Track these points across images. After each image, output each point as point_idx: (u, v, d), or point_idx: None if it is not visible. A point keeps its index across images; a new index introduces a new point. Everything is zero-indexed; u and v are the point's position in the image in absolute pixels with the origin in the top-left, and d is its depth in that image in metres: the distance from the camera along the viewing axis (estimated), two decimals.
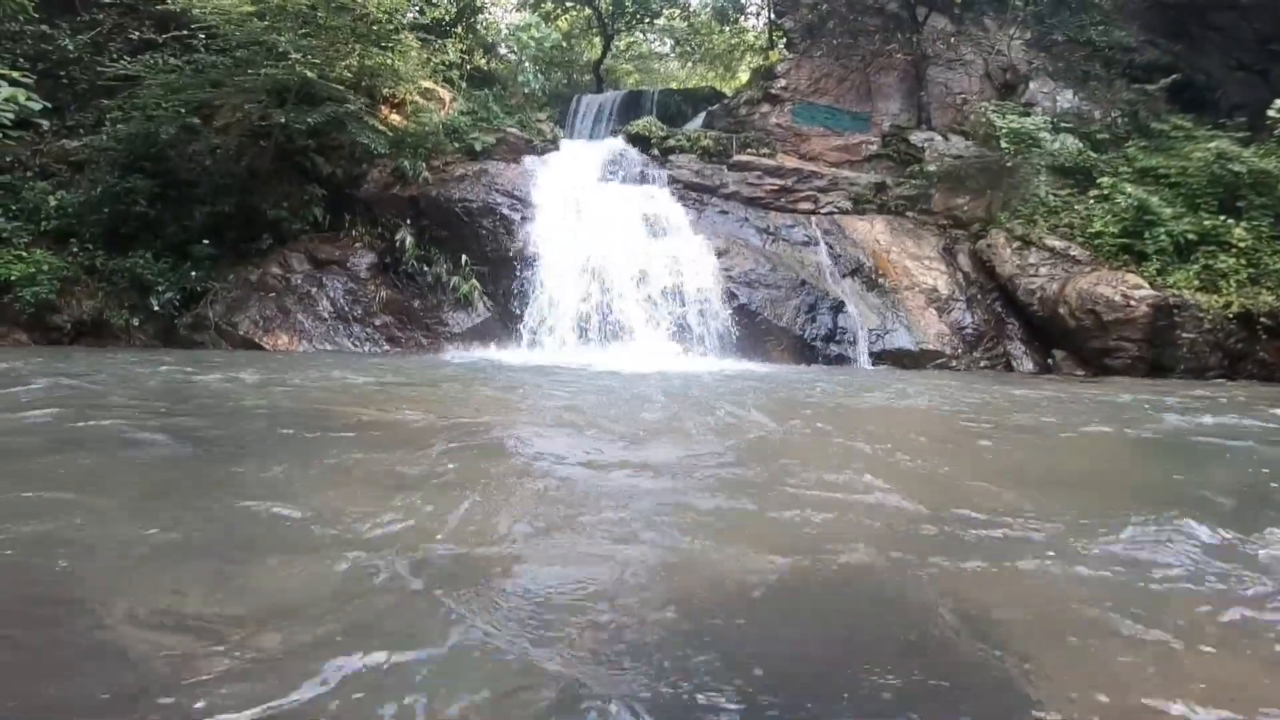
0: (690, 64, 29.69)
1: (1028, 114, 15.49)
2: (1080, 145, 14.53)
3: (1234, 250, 11.70)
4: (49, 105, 10.04)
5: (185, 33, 13.13)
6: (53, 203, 12.72)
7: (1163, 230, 12.00)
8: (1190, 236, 11.95)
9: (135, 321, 12.37)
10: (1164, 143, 13.91)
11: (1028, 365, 12.92)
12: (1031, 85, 17.12)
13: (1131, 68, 16.79)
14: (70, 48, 14.31)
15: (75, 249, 12.54)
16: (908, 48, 17.97)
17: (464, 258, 13.15)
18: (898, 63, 18.17)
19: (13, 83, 8.92)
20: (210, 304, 12.45)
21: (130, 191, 12.76)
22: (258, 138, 13.49)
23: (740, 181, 15.43)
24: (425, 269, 13.10)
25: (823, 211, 15.27)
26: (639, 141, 16.56)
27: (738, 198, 15.21)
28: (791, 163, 16.18)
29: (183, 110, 12.82)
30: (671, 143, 16.39)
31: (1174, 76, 15.29)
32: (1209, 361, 11.50)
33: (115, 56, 13.89)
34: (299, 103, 13.12)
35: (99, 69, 13.74)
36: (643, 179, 15.42)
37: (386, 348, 12.38)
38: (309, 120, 12.70)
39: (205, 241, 12.91)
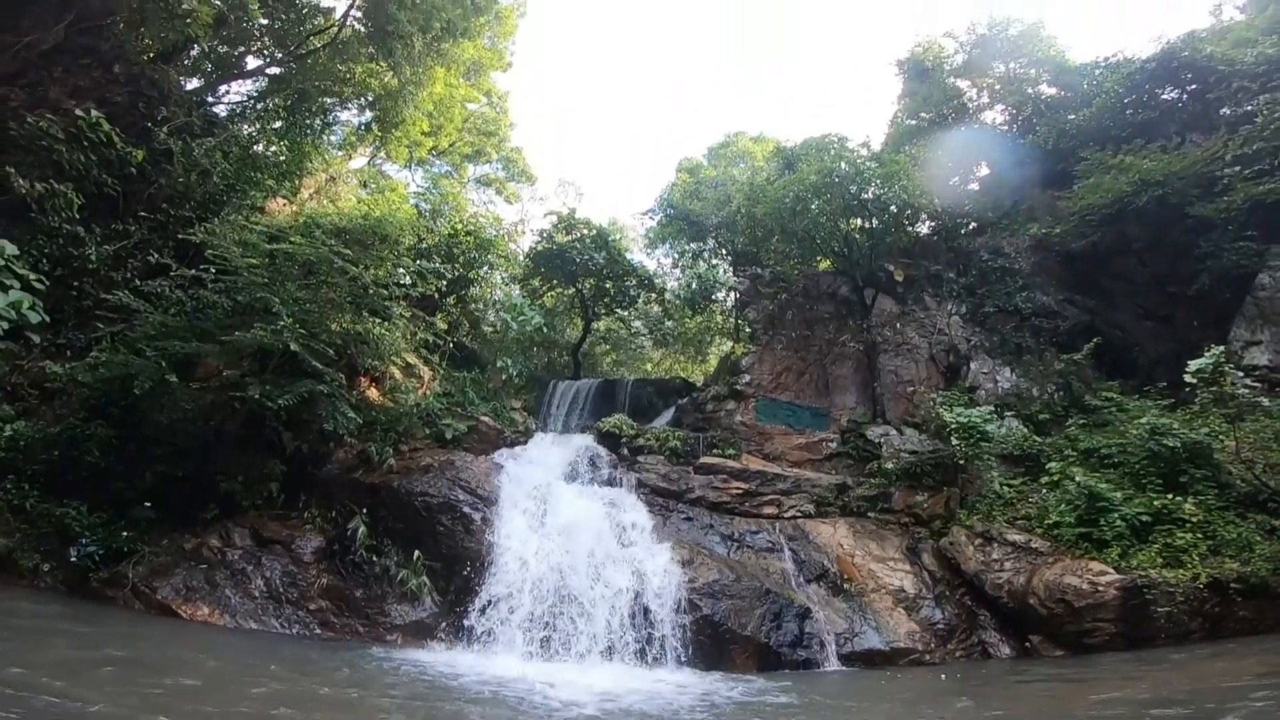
0: (664, 348, 31.61)
1: (973, 404, 16.34)
2: (1025, 430, 15.18)
3: (1188, 526, 11.75)
4: (47, 319, 10.25)
5: (194, 272, 13.86)
6: (7, 432, 12.50)
7: (1116, 515, 12.14)
8: (1144, 518, 12.07)
9: (46, 567, 11.64)
10: (1100, 417, 14.49)
11: (1004, 651, 12.47)
12: (973, 366, 18.30)
13: (1057, 334, 18.11)
14: (93, 258, 14.87)
15: (10, 486, 12.14)
16: (859, 335, 19.42)
17: (417, 553, 12.78)
18: (851, 352, 19.54)
19: (25, 285, 9.11)
20: (134, 564, 11.81)
21: (88, 439, 12.63)
22: (230, 401, 13.57)
23: (706, 485, 15.75)
24: (375, 559, 12.60)
25: (786, 516, 15.40)
26: (609, 439, 17.13)
27: (703, 503, 15.41)
28: (756, 464, 16.67)
29: (163, 363, 12.90)
30: (641, 442, 16.99)
31: (1095, 340, 16.36)
32: (1189, 627, 11.04)
33: (130, 275, 14.50)
34: (278, 373, 13.47)
35: (103, 296, 14.16)
36: (610, 481, 15.70)
37: (319, 633, 11.58)
38: (281, 401, 12.90)
39: (148, 504, 12.59)
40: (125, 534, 12.16)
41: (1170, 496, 12.14)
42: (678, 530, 14.35)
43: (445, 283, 19.15)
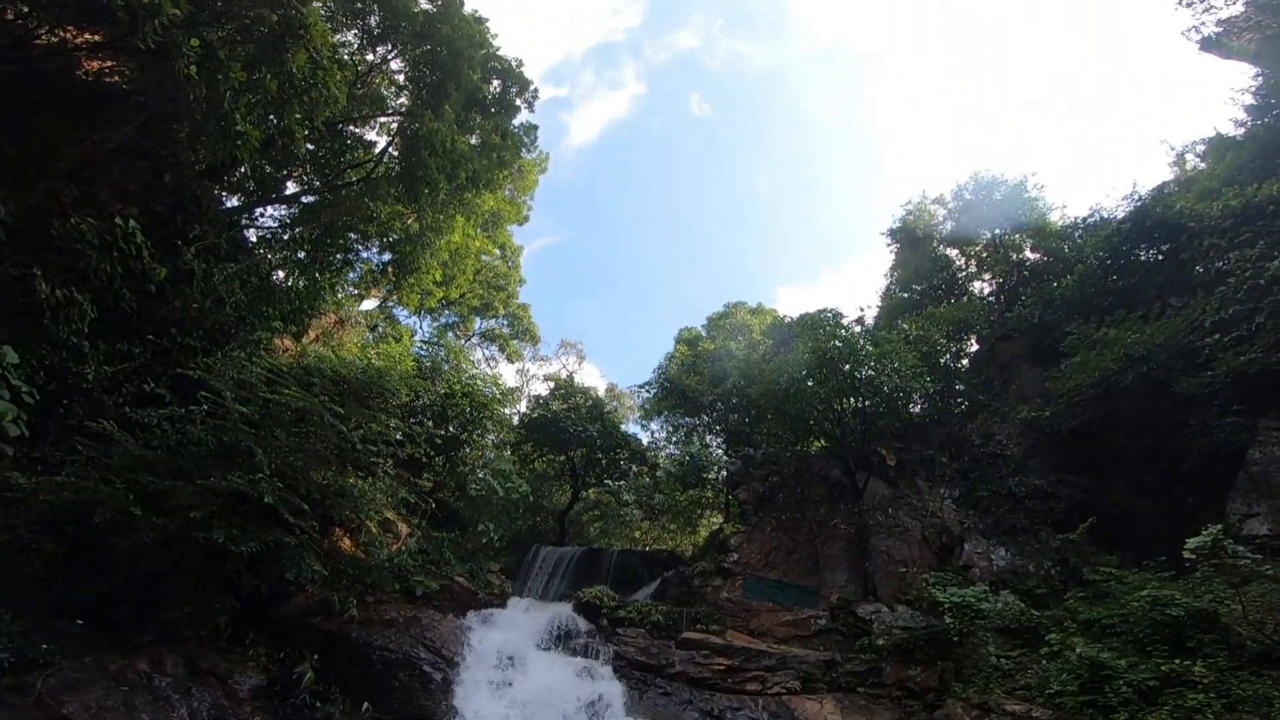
0: (653, 519, 30.90)
1: (967, 583, 15.67)
2: (1022, 604, 14.47)
3: (1200, 687, 10.79)
4: (27, 434, 9.97)
5: (184, 410, 13.68)
6: None
7: (1122, 682, 11.25)
8: (1152, 683, 11.14)
9: None
10: (1100, 589, 13.77)
11: None
12: (966, 546, 17.68)
13: (1052, 514, 17.56)
14: (89, 378, 14.37)
15: None
16: (851, 517, 18.99)
17: (367, 704, 11.98)
18: (842, 533, 19.05)
19: (15, 397, 8.81)
20: (46, 676, 10.65)
21: (34, 551, 11.97)
22: (194, 537, 12.86)
23: (688, 660, 14.99)
24: (319, 705, 11.83)
25: (770, 692, 14.42)
26: (589, 610, 16.61)
27: (684, 678, 14.61)
28: (741, 640, 15.89)
29: (131, 496, 12.39)
30: (622, 614, 16.51)
31: (1090, 519, 15.80)
32: None
33: (122, 400, 14.09)
34: (248, 517, 13.01)
35: (87, 422, 13.66)
36: (586, 652, 15.05)
37: None
38: (245, 547, 12.40)
39: (80, 621, 11.68)
40: (45, 646, 11.11)
41: (1178, 661, 11.38)
42: (654, 706, 13.41)
43: (436, 443, 19.11)
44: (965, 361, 24.65)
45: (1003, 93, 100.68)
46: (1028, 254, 25.93)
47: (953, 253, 28.16)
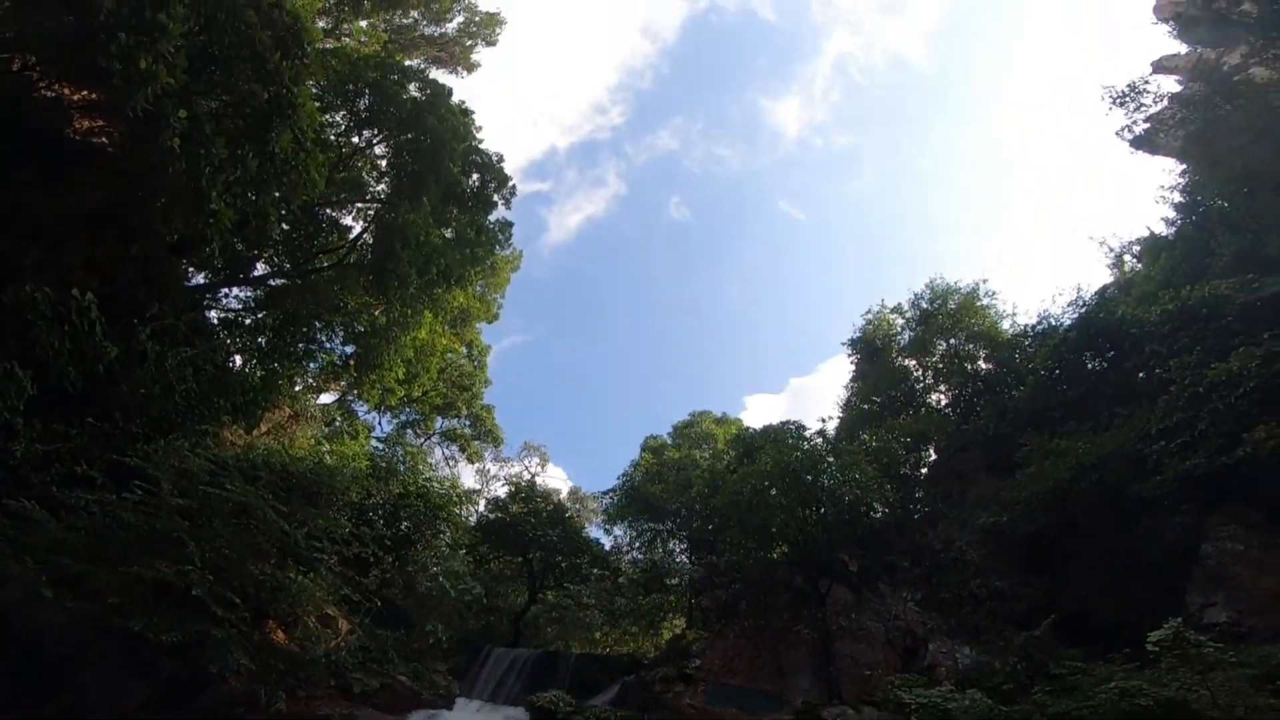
0: (614, 623, 29.71)
1: (933, 683, 15.11)
2: (989, 701, 13.89)
3: None
4: None
5: (116, 496, 12.98)
6: None
7: None
8: None
9: None
10: (1067, 682, 13.27)
11: None
12: (931, 647, 17.23)
13: (1015, 614, 17.20)
14: (18, 454, 13.32)
15: None
16: (814, 624, 18.52)
17: None
18: (806, 638, 18.52)
19: None
20: None
21: None
22: (111, 624, 11.88)
23: None
24: None
25: None
26: (544, 714, 16.10)
27: None
28: None
29: (44, 577, 11.50)
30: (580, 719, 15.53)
31: (1053, 616, 15.49)
32: None
33: (50, 480, 13.20)
34: (172, 605, 12.22)
35: (6, 501, 12.60)
36: None
37: None
38: (167, 637, 11.53)
39: None
40: None
41: None
42: None
43: (386, 543, 18.44)
44: (925, 470, 24.82)
45: (961, 198, 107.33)
46: (982, 364, 26.72)
47: (911, 363, 28.85)
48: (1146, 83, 22.62)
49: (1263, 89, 19.50)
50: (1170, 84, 24.68)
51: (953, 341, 27.79)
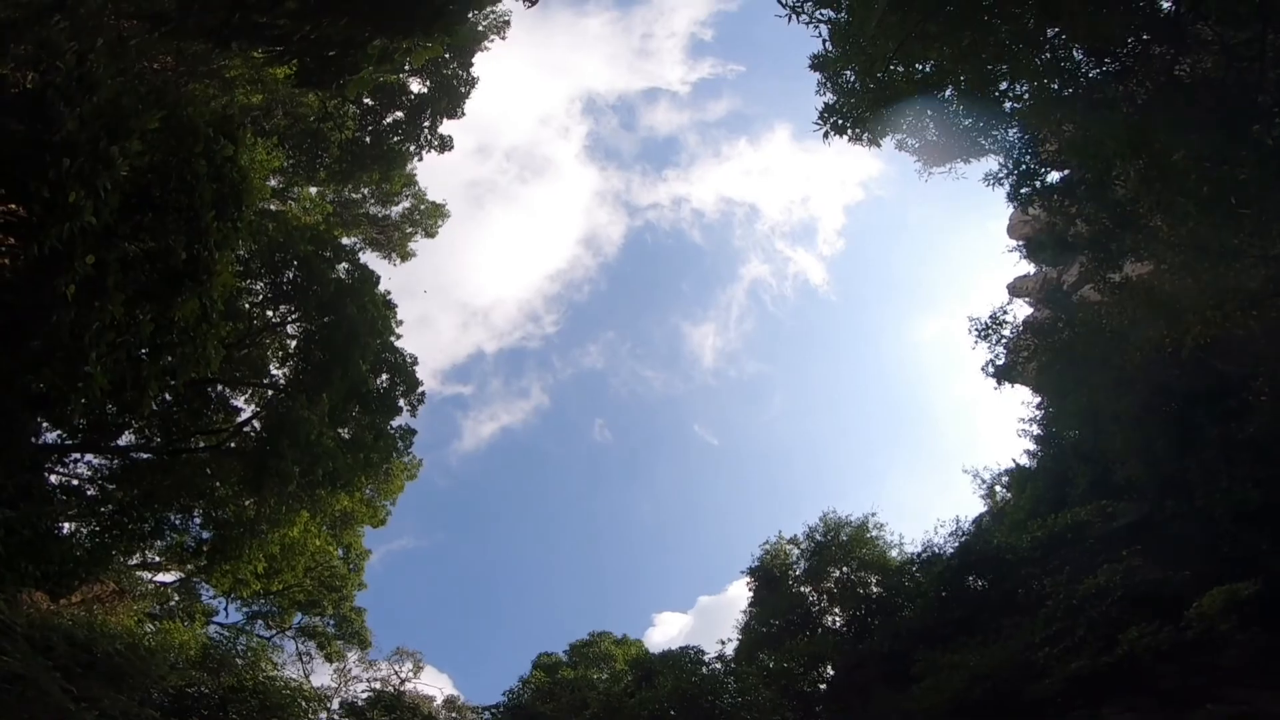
0: None
1: None
2: None
3: None
4: None
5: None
6: None
7: None
8: None
9: None
10: None
11: None
12: None
13: None
14: None
15: None
16: None
17: None
18: None
19: None
20: None
21: None
22: None
23: None
24: None
25: None
26: None
27: None
28: None
29: None
30: None
31: None
32: None
33: None
34: None
35: None
36: None
37: None
38: None
39: None
40: None
41: None
42: None
43: None
44: (824, 686, 24.53)
45: (859, 424, 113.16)
46: (874, 589, 27.12)
47: (807, 589, 29.10)
48: (1005, 312, 23.01)
49: (1096, 312, 19.96)
50: (1024, 308, 27.06)
51: (845, 570, 28.44)
